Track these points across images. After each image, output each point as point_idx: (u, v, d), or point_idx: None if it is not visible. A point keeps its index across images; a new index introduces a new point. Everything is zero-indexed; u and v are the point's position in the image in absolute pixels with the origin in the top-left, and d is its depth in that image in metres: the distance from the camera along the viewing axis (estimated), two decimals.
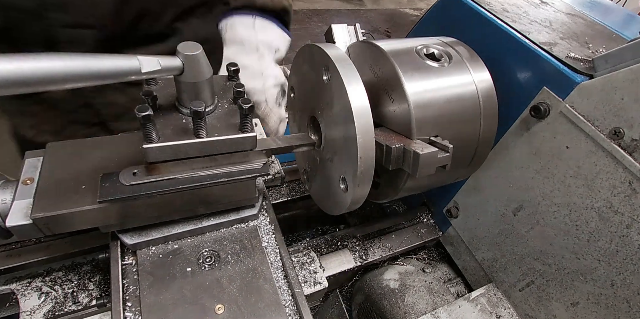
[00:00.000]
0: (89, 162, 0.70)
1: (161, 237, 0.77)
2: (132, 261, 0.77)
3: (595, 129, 0.73)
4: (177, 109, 0.66)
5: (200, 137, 0.63)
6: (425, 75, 0.76)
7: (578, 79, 0.75)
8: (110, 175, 0.66)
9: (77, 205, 0.63)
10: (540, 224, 0.88)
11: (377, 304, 1.09)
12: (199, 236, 0.81)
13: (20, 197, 0.64)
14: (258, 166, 0.72)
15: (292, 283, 0.77)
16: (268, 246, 0.83)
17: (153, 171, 0.66)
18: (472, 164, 0.89)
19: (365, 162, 0.65)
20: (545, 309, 0.92)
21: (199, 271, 0.75)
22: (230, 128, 0.66)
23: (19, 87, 0.44)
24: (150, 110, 0.56)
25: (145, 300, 0.69)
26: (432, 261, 1.28)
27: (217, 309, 0.70)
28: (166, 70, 0.57)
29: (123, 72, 0.52)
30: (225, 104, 0.70)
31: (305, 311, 0.74)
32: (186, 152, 0.64)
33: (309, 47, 0.77)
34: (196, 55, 0.58)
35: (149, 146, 0.60)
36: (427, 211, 1.26)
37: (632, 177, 0.69)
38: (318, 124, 0.80)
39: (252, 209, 0.84)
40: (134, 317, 0.69)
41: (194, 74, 0.60)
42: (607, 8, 1.37)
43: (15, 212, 0.62)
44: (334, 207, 0.81)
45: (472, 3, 0.95)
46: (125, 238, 0.74)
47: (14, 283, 0.93)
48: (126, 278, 0.74)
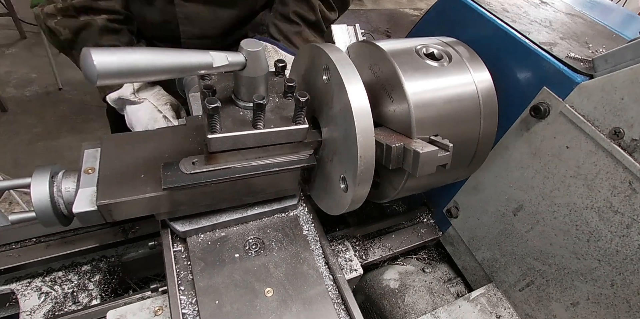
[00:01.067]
0: (144, 153, 0.75)
1: (209, 225, 0.81)
2: (181, 248, 0.81)
3: (595, 129, 0.73)
4: (233, 102, 0.70)
5: (258, 129, 0.66)
6: (425, 75, 0.76)
7: (578, 79, 0.75)
8: (171, 164, 0.70)
9: (139, 193, 0.68)
10: (540, 224, 0.88)
11: (377, 304, 1.09)
12: (244, 224, 0.86)
13: (84, 186, 0.68)
14: (305, 156, 0.76)
15: (334, 268, 0.82)
16: (308, 234, 0.88)
17: (211, 160, 0.70)
18: (472, 164, 0.89)
19: (365, 161, 0.65)
20: (545, 309, 0.92)
21: (246, 257, 0.80)
22: (284, 120, 0.70)
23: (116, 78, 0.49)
24: (219, 102, 0.59)
25: (199, 284, 0.74)
26: (432, 261, 1.28)
27: (267, 292, 0.75)
28: (232, 65, 0.61)
29: (198, 66, 0.57)
30: (275, 98, 0.74)
31: (349, 294, 0.78)
32: (244, 143, 0.68)
33: (308, 47, 0.77)
34: (258, 51, 0.62)
35: (213, 136, 0.64)
36: (427, 211, 1.26)
37: (632, 177, 0.69)
38: (318, 124, 0.80)
39: (292, 199, 0.90)
40: (189, 299, 0.73)
41: (255, 69, 0.63)
42: (607, 8, 1.37)
43: (81, 200, 0.66)
44: (334, 207, 0.81)
45: (472, 3, 0.95)
46: (177, 226, 0.79)
47: (14, 283, 0.93)
48: (177, 263, 0.78)
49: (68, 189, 0.70)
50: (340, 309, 0.77)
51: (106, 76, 0.47)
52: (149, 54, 0.51)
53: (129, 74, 0.49)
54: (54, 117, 3.47)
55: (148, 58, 0.51)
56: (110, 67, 0.47)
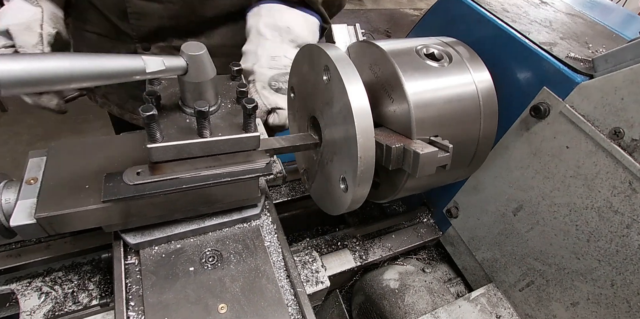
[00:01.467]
0: (93, 162, 0.71)
1: (164, 236, 0.77)
2: (135, 260, 0.77)
3: (595, 129, 0.73)
4: (180, 109, 0.67)
5: (204, 137, 0.63)
6: (425, 75, 0.76)
7: (578, 79, 0.75)
8: (114, 175, 0.66)
9: (81, 205, 0.63)
10: (540, 224, 0.88)
11: (377, 304, 1.09)
12: (202, 235, 0.81)
13: (24, 197, 0.65)
14: (261, 165, 0.72)
15: (295, 282, 0.78)
16: (270, 245, 0.84)
17: (157, 170, 0.66)
18: (472, 164, 0.89)
19: (365, 162, 0.65)
20: (545, 309, 0.92)
21: (201, 270, 0.75)
22: (233, 128, 0.66)
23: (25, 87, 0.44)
24: (155, 110, 0.56)
25: (148, 299, 0.70)
26: (432, 261, 1.28)
27: (220, 308, 0.70)
28: (170, 70, 0.57)
29: (128, 72, 0.53)
30: (228, 104, 0.70)
31: (308, 310, 0.74)
32: (190, 152, 0.64)
33: (309, 47, 0.77)
34: (200, 55, 0.58)
35: (153, 145, 0.60)
36: (427, 211, 1.26)
37: (632, 177, 0.69)
38: (318, 124, 0.80)
39: (254, 209, 0.85)
40: (137, 316, 0.69)
41: (198, 74, 0.60)
42: (607, 8, 1.37)
43: (19, 212, 0.63)
44: (334, 207, 0.81)
45: (472, 3, 0.95)
46: (128, 238, 0.75)
47: (14, 283, 0.93)
48: (129, 277, 0.74)
49: (8, 201, 0.65)
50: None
51: (12, 86, 0.43)
52: (66, 60, 0.47)
53: (41, 82, 0.45)
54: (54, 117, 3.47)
55: (64, 65, 0.46)
56: (15, 76, 0.42)
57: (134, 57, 0.54)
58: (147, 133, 0.59)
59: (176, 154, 0.63)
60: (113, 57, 0.52)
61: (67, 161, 0.70)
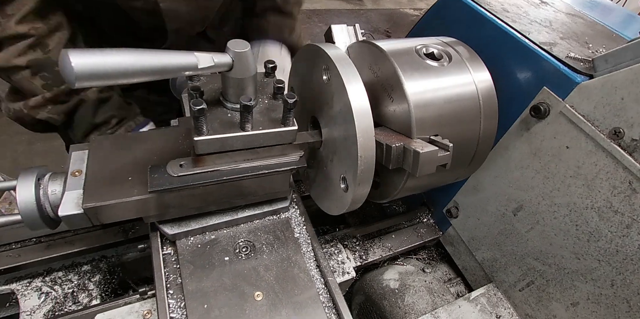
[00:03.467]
0: (133, 156, 0.74)
1: (199, 228, 0.80)
2: (171, 250, 0.80)
3: (595, 129, 0.73)
4: (221, 104, 0.69)
5: (246, 130, 0.66)
6: (425, 75, 0.76)
7: (578, 79, 0.75)
8: (158, 167, 0.69)
9: (125, 195, 0.67)
10: (540, 224, 0.88)
11: (377, 304, 1.09)
12: (234, 227, 0.85)
13: (70, 188, 0.67)
14: (295, 159, 0.75)
15: (325, 271, 0.81)
16: (300, 236, 0.87)
17: (199, 162, 0.69)
18: (472, 164, 0.89)
19: (365, 161, 0.65)
20: (545, 309, 0.91)
21: (236, 260, 0.79)
22: (272, 122, 0.69)
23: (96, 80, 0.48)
24: (204, 104, 0.58)
25: (188, 287, 0.73)
26: (432, 261, 1.28)
27: (256, 296, 0.74)
28: (218, 66, 0.60)
29: (182, 67, 0.56)
30: (265, 100, 0.73)
31: (340, 298, 0.77)
32: (232, 145, 0.67)
33: (308, 47, 0.77)
34: (245, 52, 0.61)
35: (200, 138, 0.63)
36: (427, 211, 1.26)
37: (632, 177, 0.69)
38: (318, 124, 0.80)
39: (284, 202, 0.88)
40: (177, 303, 0.72)
41: (242, 70, 0.62)
42: (607, 8, 1.37)
43: (66, 203, 0.65)
44: (334, 207, 0.81)
45: (472, 3, 0.95)
46: (166, 228, 0.78)
47: (14, 283, 0.93)
48: (166, 266, 0.77)
49: (55, 192, 0.68)
50: (332, 312, 0.76)
51: (85, 78, 0.46)
52: (130, 55, 0.50)
53: (108, 75, 0.48)
54: None
55: (128, 59, 0.49)
56: (88, 69, 0.46)
57: (187, 54, 0.57)
58: (194, 126, 0.62)
59: (220, 146, 0.66)
60: (169, 54, 0.55)
61: (109, 155, 0.73)
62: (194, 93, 0.65)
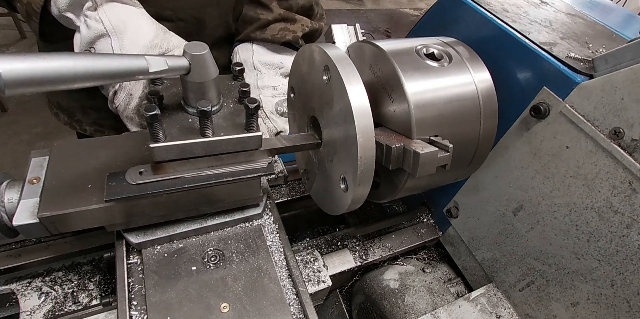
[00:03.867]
0: (95, 162, 0.71)
1: (166, 236, 0.77)
2: (138, 259, 0.77)
3: (595, 129, 0.73)
4: (183, 109, 0.67)
5: (206, 137, 0.63)
6: (425, 75, 0.76)
7: (578, 79, 0.75)
8: (116, 174, 0.66)
9: (83, 204, 0.64)
10: (540, 224, 0.88)
11: (377, 304, 1.09)
12: (204, 235, 0.82)
13: (26, 197, 0.65)
14: (263, 165, 0.73)
15: (297, 281, 0.78)
16: (272, 245, 0.84)
17: (159, 170, 0.66)
18: (472, 164, 0.89)
19: (365, 162, 0.65)
20: (545, 309, 0.92)
21: (204, 270, 0.76)
22: (236, 127, 0.66)
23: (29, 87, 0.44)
24: (158, 109, 0.56)
25: (151, 299, 0.70)
26: (432, 261, 1.28)
27: (223, 307, 0.71)
28: (173, 70, 0.57)
29: (131, 72, 0.53)
30: (230, 104, 0.71)
31: (310, 309, 0.74)
32: (192, 152, 0.64)
33: (308, 47, 0.77)
34: (203, 55, 0.59)
35: (156, 145, 0.60)
36: (427, 211, 1.26)
37: (632, 177, 0.69)
38: (318, 124, 0.80)
39: (256, 209, 0.85)
40: (140, 315, 0.69)
41: (201, 74, 0.60)
42: (607, 8, 1.37)
43: (22, 212, 0.63)
44: (334, 207, 0.81)
45: (472, 3, 0.95)
46: (131, 237, 0.75)
47: (14, 283, 0.93)
48: (131, 276, 0.74)
49: (11, 200, 0.66)
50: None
51: (15, 85, 0.43)
52: (69, 60, 0.47)
53: (43, 82, 0.45)
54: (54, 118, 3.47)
55: (67, 64, 0.46)
56: (20, 75, 0.43)
57: (137, 57, 0.54)
58: (149, 133, 0.60)
59: (179, 153, 0.64)
60: (116, 57, 0.52)
61: (70, 161, 0.71)
62: (152, 97, 0.63)
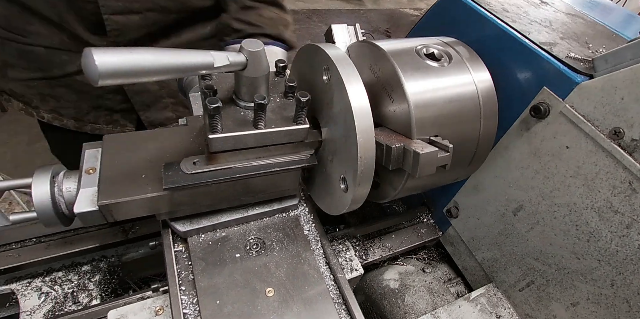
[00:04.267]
0: (145, 153, 0.75)
1: (210, 225, 0.81)
2: (182, 248, 0.81)
3: (595, 129, 0.73)
4: (234, 103, 0.70)
5: (259, 129, 0.66)
6: (425, 75, 0.76)
7: (578, 79, 0.75)
8: (172, 164, 0.70)
9: (140, 193, 0.67)
10: (540, 224, 0.88)
11: (377, 304, 1.09)
12: (244, 224, 0.86)
13: (85, 186, 0.68)
14: (306, 156, 0.76)
15: (334, 268, 0.82)
16: (309, 234, 0.89)
17: (212, 160, 0.70)
18: (472, 164, 0.89)
19: (365, 162, 0.65)
20: (545, 309, 0.92)
21: (247, 257, 0.80)
22: (284, 120, 0.69)
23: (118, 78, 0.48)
24: (220, 102, 0.59)
25: (200, 284, 0.74)
26: (432, 261, 1.28)
27: (268, 292, 0.75)
28: (233, 65, 0.61)
29: (199, 66, 0.57)
30: (276, 98, 0.74)
31: (349, 294, 0.78)
32: (245, 143, 0.68)
33: (308, 47, 0.77)
34: (259, 51, 0.62)
35: (214, 136, 0.64)
36: (427, 211, 1.26)
37: (632, 177, 0.69)
38: (318, 124, 0.80)
39: (293, 199, 0.90)
40: (190, 299, 0.73)
41: (256, 69, 0.63)
42: (607, 8, 1.37)
43: (82, 200, 0.66)
44: (334, 207, 0.81)
45: (472, 3, 0.95)
46: (178, 226, 0.79)
47: (14, 283, 0.94)
48: (178, 263, 0.78)
49: (69, 189, 0.70)
50: (341, 309, 0.78)
51: (107, 76, 0.47)
52: (151, 54, 0.51)
53: (130, 74, 0.49)
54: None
55: (150, 58, 0.51)
56: (112, 67, 0.47)
57: (204, 53, 0.58)
58: (209, 124, 0.63)
59: (233, 144, 0.67)
60: (187, 53, 0.56)
61: (122, 152, 0.74)
62: (208, 92, 0.66)
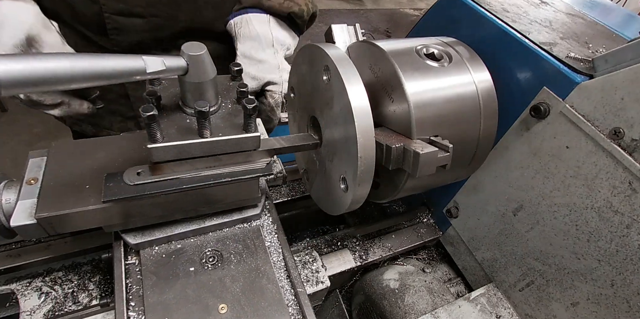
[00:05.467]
0: (93, 162, 0.71)
1: (164, 237, 0.77)
2: (136, 260, 0.77)
3: (595, 129, 0.73)
4: (181, 109, 0.67)
5: (204, 137, 0.63)
6: (425, 75, 0.76)
7: (578, 79, 0.75)
8: (114, 175, 0.66)
9: (81, 205, 0.64)
10: (540, 224, 0.88)
11: (377, 304, 1.09)
12: (202, 235, 0.82)
13: (24, 197, 0.65)
14: (261, 165, 0.72)
15: (295, 282, 0.78)
16: (271, 245, 0.84)
17: (157, 170, 0.66)
18: (472, 164, 0.89)
19: (365, 162, 0.65)
20: (545, 309, 0.92)
21: (202, 270, 0.76)
22: (234, 128, 0.66)
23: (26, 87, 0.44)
24: (155, 110, 0.56)
25: (149, 299, 0.70)
26: (432, 261, 1.28)
27: (221, 308, 0.71)
28: (171, 71, 0.57)
29: (128, 72, 0.53)
30: (228, 104, 0.70)
31: (308, 310, 0.74)
32: (190, 152, 0.64)
33: (308, 47, 0.77)
34: (200, 55, 0.58)
35: (153, 145, 0.60)
36: (427, 211, 1.26)
37: (632, 177, 0.69)
38: (318, 124, 0.80)
39: (254, 209, 0.85)
40: (138, 316, 0.69)
41: (199, 74, 0.60)
42: (607, 8, 1.37)
43: (19, 212, 0.63)
44: (334, 207, 0.81)
45: (472, 3, 0.95)
46: (129, 238, 0.75)
47: (14, 283, 0.93)
48: (129, 277, 0.74)
49: (9, 201, 0.65)
50: None
51: (11, 86, 0.42)
52: (65, 60, 0.46)
53: (40, 82, 0.44)
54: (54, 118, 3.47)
55: (63, 65, 0.46)
56: (16, 75, 0.42)
57: (134, 58, 0.54)
58: (147, 133, 0.59)
59: (177, 154, 0.63)
60: (113, 58, 0.51)
61: (68, 161, 0.70)
62: (150, 98, 0.62)
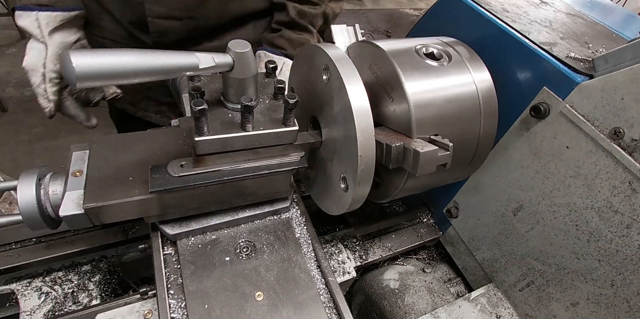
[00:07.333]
0: (133, 155, 0.74)
1: (200, 228, 0.81)
2: (172, 251, 0.80)
3: (595, 129, 0.73)
4: (222, 104, 0.69)
5: (247, 131, 0.66)
6: (425, 74, 0.76)
7: (578, 79, 0.75)
8: (159, 167, 0.69)
9: (126, 196, 0.67)
10: (540, 224, 0.88)
11: (377, 304, 1.09)
12: (235, 227, 0.85)
13: (71, 188, 0.68)
14: (296, 159, 0.75)
15: (326, 271, 0.81)
16: (300, 237, 0.87)
17: (199, 163, 0.69)
18: (472, 164, 0.89)
19: (365, 161, 0.65)
20: (545, 309, 0.91)
21: (237, 260, 0.79)
22: (273, 122, 0.69)
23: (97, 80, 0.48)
24: (205, 104, 0.58)
25: (189, 288, 0.73)
26: (432, 261, 1.28)
27: (257, 296, 0.74)
28: (219, 67, 0.60)
29: (183, 68, 0.57)
30: (266, 100, 0.73)
31: (340, 298, 0.77)
32: (233, 145, 0.67)
33: (308, 47, 0.77)
34: (246, 52, 0.61)
35: (200, 138, 0.63)
36: (427, 211, 1.26)
37: (632, 177, 0.69)
38: (318, 123, 0.80)
39: (284, 202, 0.88)
40: (178, 304, 0.72)
41: (243, 71, 0.63)
42: (607, 8, 1.37)
43: (67, 203, 0.66)
44: (334, 207, 0.81)
45: (472, 3, 0.95)
46: (167, 229, 0.78)
47: (14, 283, 0.93)
48: (167, 267, 0.77)
49: (55, 192, 0.69)
50: (332, 313, 0.76)
51: (86, 79, 0.46)
52: (132, 56, 0.50)
53: (109, 76, 0.48)
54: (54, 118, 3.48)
55: (130, 60, 0.50)
56: (90, 69, 0.46)
57: (188, 54, 0.57)
58: (195, 127, 0.62)
59: (220, 147, 0.66)
60: (171, 54, 0.55)
61: (109, 155, 0.74)
62: (195, 93, 0.65)
